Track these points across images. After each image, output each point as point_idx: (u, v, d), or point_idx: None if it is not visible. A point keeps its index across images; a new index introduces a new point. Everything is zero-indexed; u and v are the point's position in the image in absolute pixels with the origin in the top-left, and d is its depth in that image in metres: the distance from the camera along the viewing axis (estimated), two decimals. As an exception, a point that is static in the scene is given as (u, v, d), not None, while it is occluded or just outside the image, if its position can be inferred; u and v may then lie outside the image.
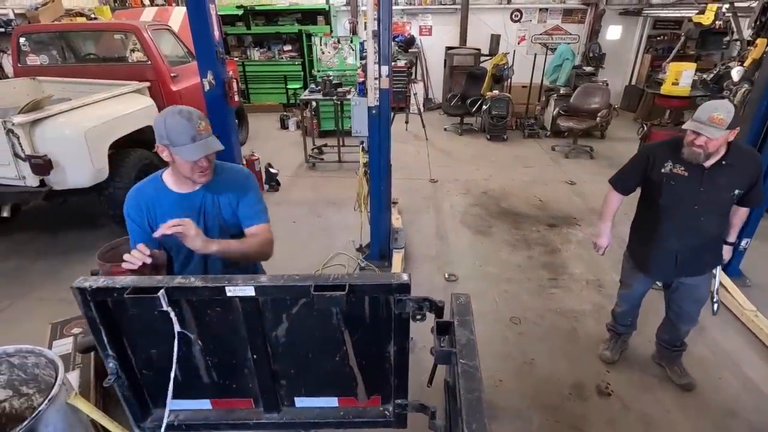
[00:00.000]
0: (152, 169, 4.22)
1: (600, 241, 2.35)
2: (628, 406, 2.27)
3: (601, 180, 5.25)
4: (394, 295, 0.98)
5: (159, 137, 1.36)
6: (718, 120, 1.70)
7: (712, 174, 1.86)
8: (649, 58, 8.39)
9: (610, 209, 2.30)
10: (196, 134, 1.35)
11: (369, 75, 2.87)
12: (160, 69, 4.50)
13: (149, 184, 1.52)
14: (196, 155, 1.35)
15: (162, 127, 1.34)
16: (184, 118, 1.34)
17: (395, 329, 1.04)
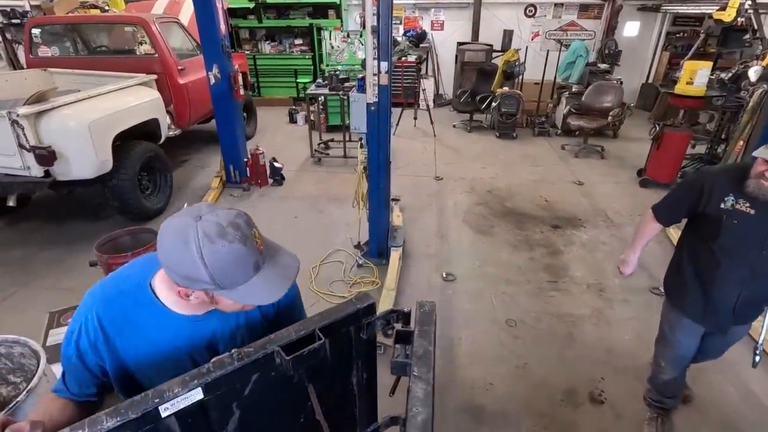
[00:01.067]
0: (157, 163, 4.38)
1: (625, 270, 2.02)
2: (621, 414, 2.22)
3: (610, 181, 5.16)
4: (361, 321, 0.94)
5: (188, 281, 0.82)
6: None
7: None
8: (667, 55, 8.15)
9: (644, 239, 1.94)
10: (258, 258, 0.84)
11: (368, 71, 2.84)
12: (167, 62, 4.53)
13: (127, 293, 0.95)
14: (270, 296, 0.86)
15: (195, 265, 0.79)
16: (234, 242, 0.80)
17: (363, 355, 1.00)
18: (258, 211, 4.41)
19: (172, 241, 0.80)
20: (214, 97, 4.48)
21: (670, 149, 4.64)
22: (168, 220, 0.83)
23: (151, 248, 2.73)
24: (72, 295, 3.06)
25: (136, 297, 0.95)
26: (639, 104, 8.30)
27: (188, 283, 0.81)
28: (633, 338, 2.72)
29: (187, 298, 0.86)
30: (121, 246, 2.81)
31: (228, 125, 4.66)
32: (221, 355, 0.81)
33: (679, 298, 1.87)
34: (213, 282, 0.80)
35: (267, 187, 4.94)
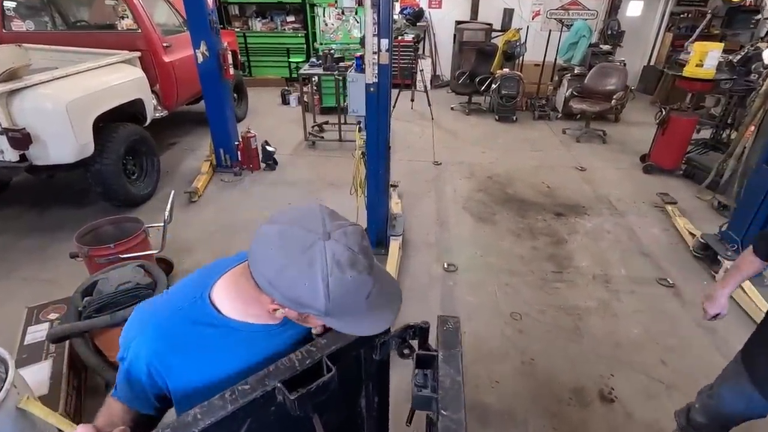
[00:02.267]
0: (142, 146, 4.16)
1: (710, 307, 1.59)
2: (632, 414, 2.14)
3: (613, 167, 5.03)
4: (376, 341, 0.81)
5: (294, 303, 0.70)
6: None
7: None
8: (670, 37, 7.95)
9: (737, 272, 1.56)
10: (371, 290, 0.71)
11: (367, 49, 2.64)
12: (151, 38, 4.26)
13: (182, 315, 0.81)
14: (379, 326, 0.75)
15: (314, 293, 0.67)
16: (363, 273, 0.69)
17: (375, 376, 0.87)
18: (251, 197, 4.23)
19: (290, 256, 0.67)
20: (202, 76, 4.24)
21: (676, 134, 4.51)
22: (279, 226, 0.70)
23: (136, 239, 2.57)
24: (53, 287, 2.89)
25: (195, 316, 0.80)
26: (640, 87, 8.13)
27: (293, 305, 0.70)
28: (641, 332, 2.63)
29: (274, 312, 0.76)
30: (103, 236, 2.65)
31: (217, 106, 4.43)
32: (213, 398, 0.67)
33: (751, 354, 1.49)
34: (324, 310, 0.68)
35: (259, 171, 4.75)
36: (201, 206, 4.03)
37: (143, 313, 0.84)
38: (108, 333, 2.02)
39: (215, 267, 0.88)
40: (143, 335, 0.80)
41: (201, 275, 0.88)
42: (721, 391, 1.61)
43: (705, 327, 2.63)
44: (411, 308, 2.80)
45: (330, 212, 0.75)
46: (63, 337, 2.03)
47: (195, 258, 3.26)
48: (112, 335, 2.03)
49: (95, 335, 2.06)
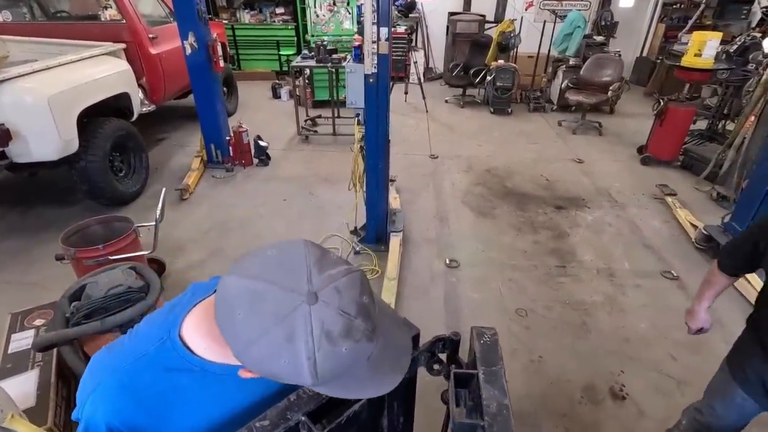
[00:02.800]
0: (130, 142, 3.99)
1: (691, 323, 1.61)
2: (644, 411, 2.09)
3: (610, 158, 4.99)
4: None
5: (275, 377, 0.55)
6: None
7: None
8: (662, 28, 7.94)
9: (708, 287, 1.55)
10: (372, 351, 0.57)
11: (366, 38, 2.53)
12: (137, 29, 4.09)
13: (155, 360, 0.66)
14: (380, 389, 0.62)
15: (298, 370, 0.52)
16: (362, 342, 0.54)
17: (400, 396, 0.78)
18: (244, 193, 4.10)
19: (262, 327, 0.50)
20: (191, 68, 4.09)
21: (674, 125, 4.48)
22: (248, 282, 0.53)
23: (126, 239, 2.45)
24: (38, 290, 2.76)
25: (164, 362, 0.65)
26: (633, 79, 8.11)
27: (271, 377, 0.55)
28: (648, 327, 2.59)
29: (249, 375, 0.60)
30: (91, 237, 2.52)
31: (207, 100, 4.28)
32: None
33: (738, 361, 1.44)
34: (312, 384, 0.54)
35: (252, 167, 4.61)
36: (193, 204, 3.90)
37: (100, 361, 0.68)
38: (98, 340, 1.91)
39: (184, 298, 0.73)
40: (101, 389, 0.64)
41: (168, 309, 0.72)
42: (711, 403, 1.54)
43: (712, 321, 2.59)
44: (414, 306, 2.73)
45: (319, 256, 0.57)
46: (50, 346, 1.91)
47: (188, 258, 3.14)
48: (102, 342, 1.92)
49: (85, 342, 1.95)
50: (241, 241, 3.31)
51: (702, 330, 1.60)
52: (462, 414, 0.68)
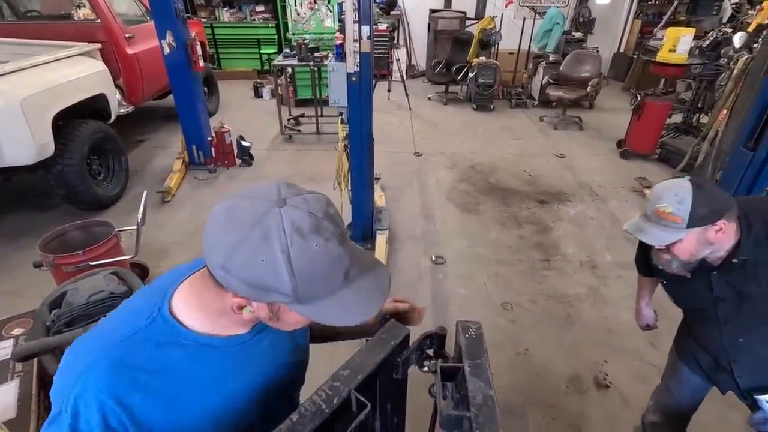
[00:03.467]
0: (108, 144, 3.91)
1: (637, 320, 1.73)
2: (628, 399, 2.15)
3: (590, 153, 5.09)
4: (398, 360, 0.74)
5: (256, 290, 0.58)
6: (666, 215, 1.08)
7: (726, 277, 1.18)
8: (638, 24, 8.10)
9: (639, 288, 1.68)
10: (349, 266, 0.61)
11: (348, 36, 2.53)
12: (112, 28, 3.99)
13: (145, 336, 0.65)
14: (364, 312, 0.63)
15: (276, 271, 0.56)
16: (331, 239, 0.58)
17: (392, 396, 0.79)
18: (227, 194, 4.05)
19: (240, 231, 0.55)
20: (169, 68, 4.02)
21: (651, 119, 4.59)
22: (227, 202, 0.59)
23: (107, 244, 2.40)
24: (16, 299, 2.69)
25: (156, 337, 0.64)
26: (611, 74, 8.28)
27: (256, 293, 0.57)
28: (630, 317, 2.61)
29: (240, 311, 0.62)
30: (70, 243, 2.46)
31: (188, 100, 4.21)
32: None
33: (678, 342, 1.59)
34: (293, 295, 0.57)
35: (235, 168, 4.56)
36: (175, 206, 3.83)
37: (84, 345, 0.64)
38: (81, 348, 1.87)
39: (168, 277, 0.73)
40: (93, 371, 0.61)
41: (152, 289, 0.71)
42: (667, 383, 1.65)
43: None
44: (402, 304, 2.74)
45: (289, 184, 0.63)
46: (31, 355, 1.85)
47: (172, 261, 3.09)
48: (85, 350, 1.88)
49: (67, 351, 1.91)
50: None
51: (650, 326, 1.69)
52: (449, 406, 0.69)
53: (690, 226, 1.07)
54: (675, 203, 1.07)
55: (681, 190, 1.07)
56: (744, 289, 1.17)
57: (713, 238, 1.09)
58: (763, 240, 1.12)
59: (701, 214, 1.05)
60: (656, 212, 1.10)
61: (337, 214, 0.62)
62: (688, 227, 1.07)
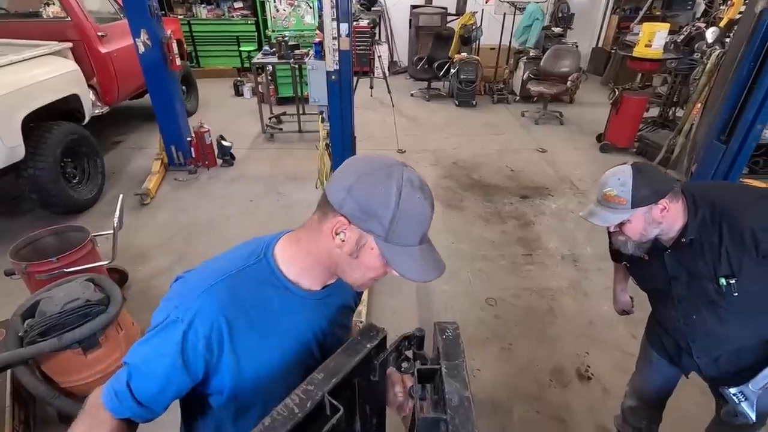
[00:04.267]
0: (82, 146, 3.80)
1: (614, 305, 1.79)
2: (609, 389, 2.19)
3: (572, 147, 5.16)
4: (375, 362, 0.73)
5: (363, 213, 0.69)
6: (612, 198, 1.16)
7: (677, 256, 1.26)
8: (616, 19, 8.23)
9: (615, 274, 1.74)
10: (425, 233, 0.76)
11: (326, 34, 2.50)
12: (83, 26, 3.87)
13: (253, 273, 0.78)
14: (423, 274, 0.75)
15: (387, 201, 0.68)
16: (427, 200, 0.72)
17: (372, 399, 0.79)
18: (209, 195, 3.99)
19: (372, 168, 0.71)
20: (145, 68, 3.92)
21: (629, 114, 4.68)
22: (364, 155, 0.77)
23: (82, 250, 2.33)
24: (-12, 309, 2.59)
25: (261, 273, 0.78)
26: (590, 69, 8.39)
27: (361, 216, 0.70)
28: (611, 308, 2.67)
29: (335, 235, 0.73)
30: (43, 249, 2.39)
31: (165, 100, 4.12)
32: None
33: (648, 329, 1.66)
34: (387, 227, 0.70)
35: (216, 168, 4.49)
36: (155, 208, 3.76)
37: (199, 275, 0.77)
38: (57, 357, 1.82)
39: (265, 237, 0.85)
40: (213, 292, 0.73)
41: (261, 239, 0.84)
42: (640, 367, 1.72)
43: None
44: (387, 302, 2.74)
45: None
46: (3, 367, 1.80)
47: (152, 265, 3.03)
48: (61, 359, 1.83)
49: (42, 361, 1.85)
50: (207, 245, 3.22)
51: (626, 311, 1.76)
52: (427, 409, 0.70)
53: (634, 206, 1.15)
54: (618, 186, 1.16)
55: (623, 174, 1.16)
56: (693, 267, 1.24)
57: (659, 217, 1.18)
58: (708, 220, 1.19)
59: (643, 194, 1.14)
60: (604, 197, 1.19)
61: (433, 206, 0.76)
62: (632, 207, 1.15)
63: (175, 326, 0.70)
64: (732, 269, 1.17)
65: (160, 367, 0.71)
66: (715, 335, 1.32)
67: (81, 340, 1.79)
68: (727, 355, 1.36)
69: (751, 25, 2.69)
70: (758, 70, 2.68)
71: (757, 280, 1.18)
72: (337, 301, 0.88)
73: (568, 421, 2.05)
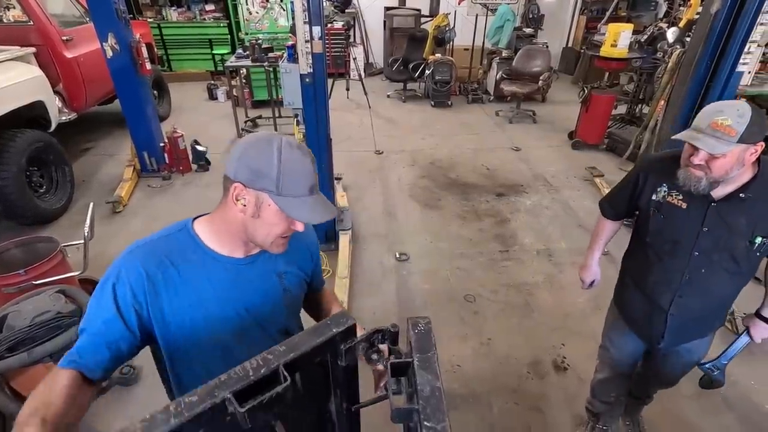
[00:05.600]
0: (48, 154, 3.68)
1: (582, 274, 1.80)
2: (585, 379, 2.26)
3: (545, 145, 5.29)
4: (339, 348, 0.76)
5: (254, 175, 0.83)
6: (723, 127, 1.14)
7: (722, 209, 1.27)
8: (584, 19, 8.47)
9: (597, 237, 1.72)
10: (313, 185, 0.89)
11: (299, 37, 2.50)
12: (47, 30, 3.75)
13: (173, 239, 0.92)
14: (314, 217, 0.88)
15: (270, 160, 0.82)
16: (306, 157, 0.87)
17: (343, 383, 0.82)
18: (184, 201, 3.92)
19: (255, 141, 0.86)
20: (114, 73, 3.83)
21: (598, 111, 4.83)
22: (250, 134, 0.89)
23: (51, 261, 2.26)
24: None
25: (181, 241, 0.93)
26: (561, 68, 8.61)
27: (253, 177, 0.84)
28: (585, 300, 2.80)
29: (236, 201, 0.87)
30: (10, 261, 2.30)
31: (135, 105, 4.03)
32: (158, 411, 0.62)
33: (619, 300, 1.69)
34: (276, 182, 0.84)
35: (191, 173, 4.42)
36: (127, 216, 3.67)
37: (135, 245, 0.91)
38: (27, 373, 1.77)
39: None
40: (134, 251, 0.89)
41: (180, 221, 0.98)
42: (608, 334, 1.77)
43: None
44: (368, 302, 2.76)
45: None
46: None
47: (126, 274, 2.96)
48: (32, 375, 1.78)
49: (11, 378, 1.80)
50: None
51: (594, 283, 1.80)
52: (401, 400, 0.72)
53: (740, 141, 1.14)
54: (736, 116, 1.13)
55: (742, 107, 1.15)
56: (734, 222, 1.27)
57: (746, 160, 1.19)
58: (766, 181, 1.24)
59: (752, 131, 1.13)
60: (712, 124, 1.16)
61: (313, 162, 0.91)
62: (738, 141, 1.14)
63: (105, 284, 0.86)
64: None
65: (99, 320, 0.85)
66: (707, 292, 1.39)
67: (53, 354, 1.74)
68: (695, 318, 1.46)
69: (707, 25, 2.83)
70: (714, 68, 2.82)
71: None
72: (263, 266, 0.99)
73: (546, 411, 2.11)
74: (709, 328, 1.53)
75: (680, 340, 1.53)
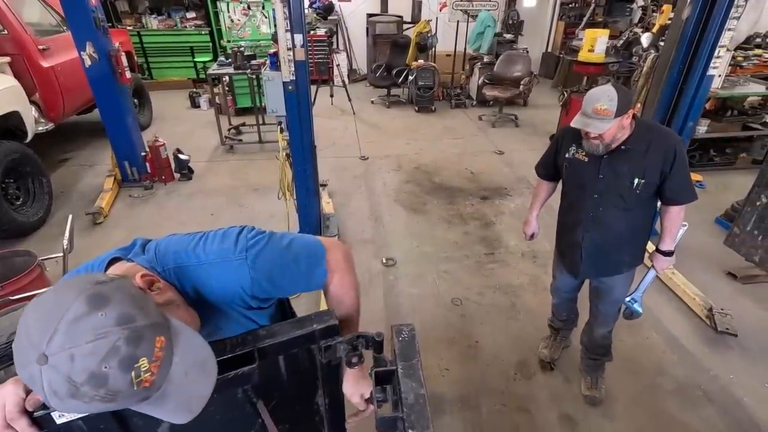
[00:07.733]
0: (25, 165, 3.58)
1: (525, 228, 2.23)
2: (570, 378, 2.30)
3: (527, 149, 5.37)
4: (318, 344, 0.77)
5: None
6: (602, 111, 1.53)
7: (611, 160, 1.67)
8: (562, 25, 8.66)
9: (535, 197, 2.16)
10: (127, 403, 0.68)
11: (281, 45, 2.50)
12: (22, 39, 3.68)
13: None
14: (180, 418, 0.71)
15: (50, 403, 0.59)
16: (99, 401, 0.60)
17: (324, 378, 0.83)
18: (166, 211, 3.87)
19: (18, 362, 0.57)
20: (92, 82, 3.77)
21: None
22: (20, 323, 0.58)
23: (30, 275, 2.21)
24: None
25: None
26: (541, 73, 8.78)
27: None
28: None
29: None
30: (-7, 276, 2.23)
31: (115, 114, 3.97)
32: None
33: (556, 239, 2.13)
34: None
35: (174, 182, 4.36)
36: (109, 228, 3.60)
37: None
38: (4, 391, 1.71)
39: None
40: None
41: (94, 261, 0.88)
42: (553, 271, 2.23)
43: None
44: (355, 309, 2.75)
45: (83, 313, 0.57)
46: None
47: (107, 287, 2.90)
48: (10, 393, 1.72)
49: (-13, 396, 1.74)
50: (167, 263, 3.12)
51: (534, 235, 2.22)
52: (387, 408, 0.73)
53: (616, 116, 1.53)
54: (608, 101, 1.53)
55: (609, 91, 1.54)
56: (619, 168, 1.68)
57: (626, 124, 1.61)
58: (642, 136, 1.65)
59: (621, 107, 1.53)
60: (595, 110, 1.54)
61: (124, 363, 0.56)
62: (615, 117, 1.53)
63: None
64: (644, 173, 1.65)
65: None
66: (607, 226, 1.80)
67: (31, 371, 1.70)
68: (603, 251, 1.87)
69: (679, 30, 2.92)
70: (687, 72, 2.91)
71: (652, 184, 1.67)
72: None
73: (533, 410, 2.13)
74: (620, 264, 1.90)
75: (595, 271, 1.96)
